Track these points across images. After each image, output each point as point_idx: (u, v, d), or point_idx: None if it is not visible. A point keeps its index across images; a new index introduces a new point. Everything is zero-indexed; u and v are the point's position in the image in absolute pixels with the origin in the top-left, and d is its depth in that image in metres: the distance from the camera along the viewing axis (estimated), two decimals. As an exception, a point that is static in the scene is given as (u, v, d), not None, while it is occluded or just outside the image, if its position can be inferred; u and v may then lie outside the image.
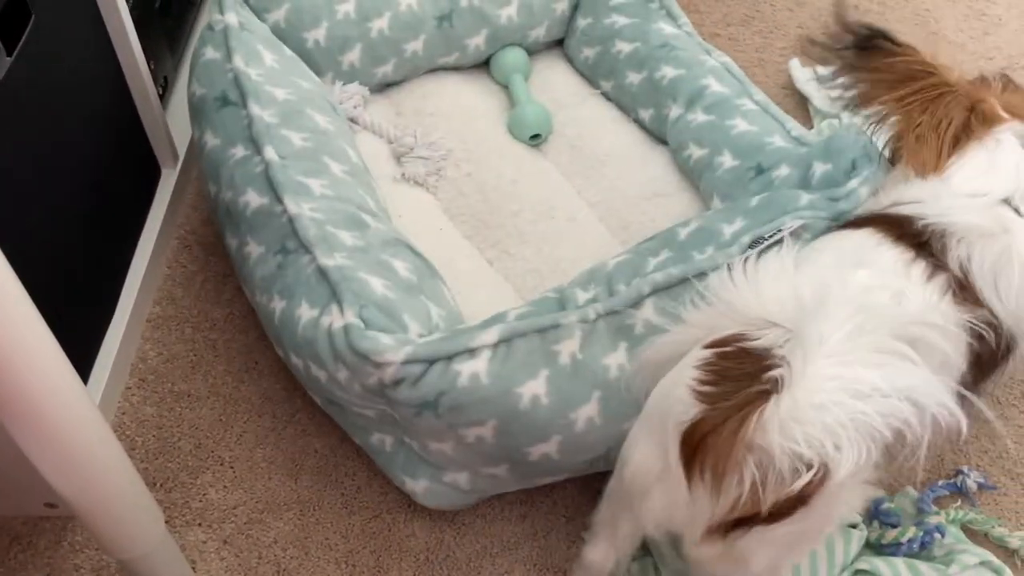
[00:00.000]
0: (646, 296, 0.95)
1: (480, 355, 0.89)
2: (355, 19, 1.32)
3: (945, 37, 1.63)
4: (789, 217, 0.99)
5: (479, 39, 1.41)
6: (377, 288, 0.96)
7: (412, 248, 1.08)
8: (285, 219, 1.02)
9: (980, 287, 0.84)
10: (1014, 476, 1.14)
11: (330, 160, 1.11)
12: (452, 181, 1.32)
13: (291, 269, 0.99)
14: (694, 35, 1.36)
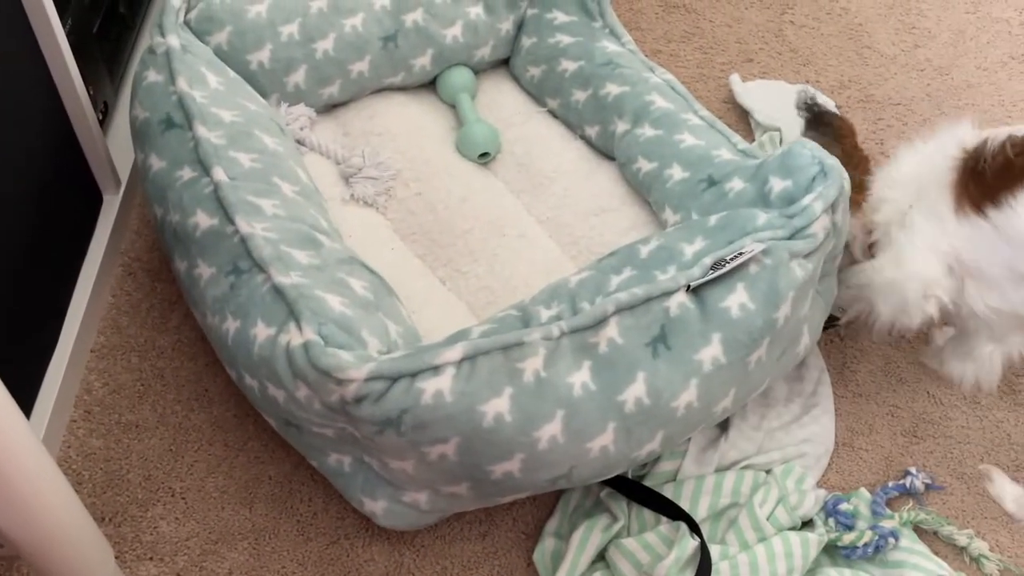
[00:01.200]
0: (610, 315, 0.95)
1: (444, 372, 0.89)
2: (299, 41, 1.32)
3: (878, 51, 1.68)
4: (749, 239, 1.02)
5: (425, 59, 1.41)
6: (335, 305, 0.95)
7: (367, 266, 1.07)
8: (237, 239, 1.01)
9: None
10: (959, 476, 1.18)
11: (280, 181, 1.11)
12: (402, 201, 1.32)
13: (245, 289, 0.98)
14: (637, 53, 1.39)
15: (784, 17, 1.74)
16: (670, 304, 0.97)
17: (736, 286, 0.98)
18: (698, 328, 0.97)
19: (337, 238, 1.12)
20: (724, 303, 0.98)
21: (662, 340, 0.96)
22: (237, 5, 1.29)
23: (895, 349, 1.29)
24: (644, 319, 0.96)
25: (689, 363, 0.96)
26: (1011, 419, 1.23)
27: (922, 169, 1.13)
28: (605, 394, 0.93)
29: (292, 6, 1.32)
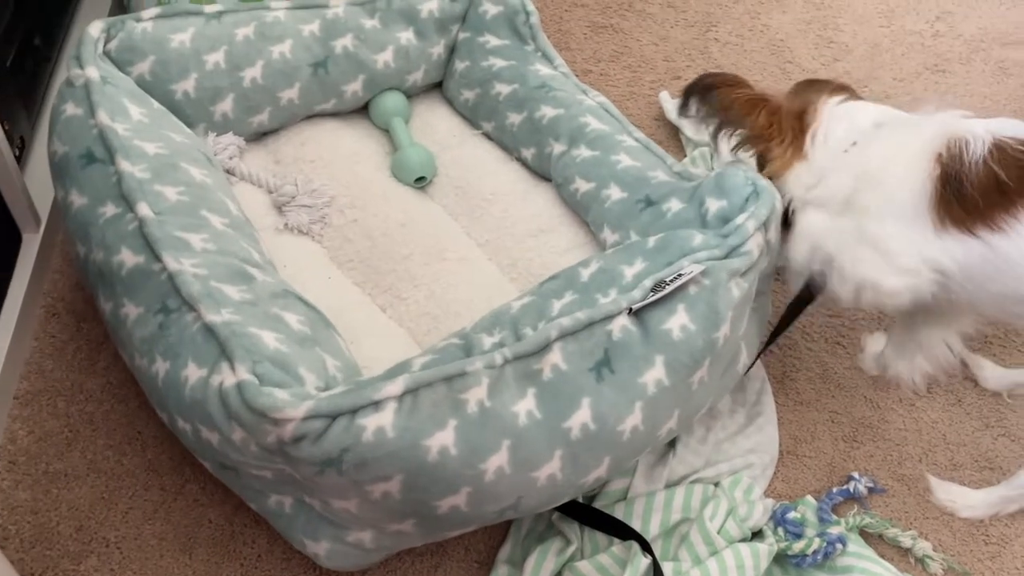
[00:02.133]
0: (553, 341, 0.94)
1: (385, 407, 0.86)
2: (226, 69, 1.28)
3: (799, 65, 1.72)
4: (687, 260, 1.01)
5: (356, 85, 1.38)
6: (269, 342, 0.91)
7: (303, 299, 1.04)
8: (165, 277, 0.96)
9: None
10: (899, 477, 1.19)
11: (209, 213, 1.06)
12: (338, 228, 1.28)
13: (174, 328, 0.94)
14: (570, 76, 1.38)
15: (709, 35, 1.76)
16: (612, 328, 0.96)
17: (677, 308, 0.98)
18: (641, 351, 0.96)
19: (271, 271, 1.08)
20: (665, 325, 0.97)
21: (606, 364, 0.94)
22: (159, 34, 1.25)
23: (832, 356, 1.31)
24: (587, 344, 0.95)
25: (633, 386, 0.95)
26: (945, 419, 1.25)
27: (892, 165, 1.03)
28: (551, 422, 0.91)
29: (217, 34, 1.28)
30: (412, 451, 0.85)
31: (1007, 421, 1.25)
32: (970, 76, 1.72)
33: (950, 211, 0.98)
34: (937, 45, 1.78)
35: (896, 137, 1.04)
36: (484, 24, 1.42)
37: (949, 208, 0.98)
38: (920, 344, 1.17)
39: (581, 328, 0.95)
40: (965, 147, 0.97)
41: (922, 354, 1.17)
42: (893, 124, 1.06)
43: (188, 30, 1.27)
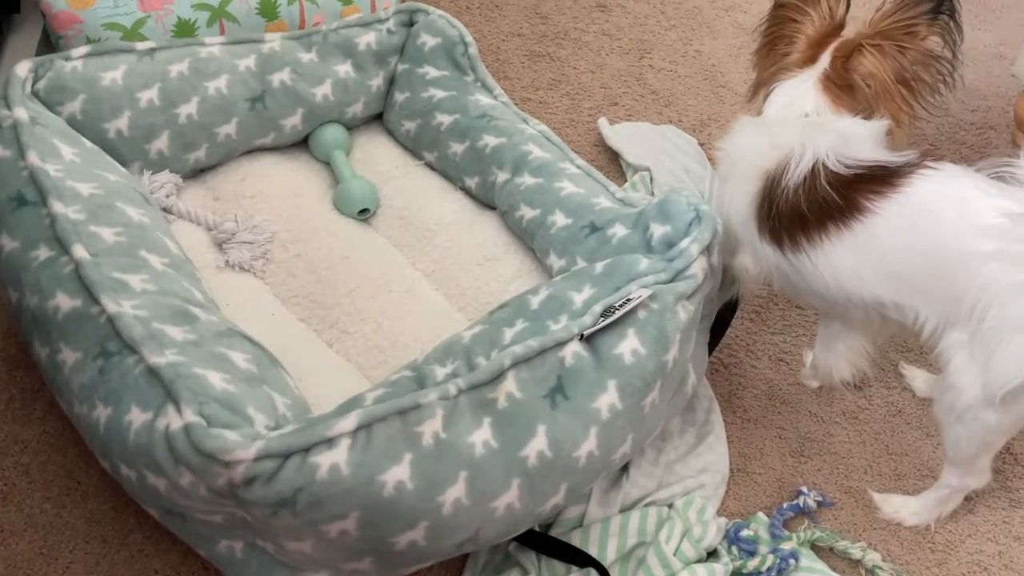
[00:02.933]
0: (507, 369, 0.93)
1: (339, 444, 0.84)
2: (160, 106, 1.26)
3: (732, 89, 1.76)
4: (635, 285, 1.02)
5: (295, 119, 1.37)
6: (216, 382, 0.89)
7: (248, 338, 1.02)
8: (104, 320, 0.94)
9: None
10: (847, 490, 1.22)
11: (148, 254, 1.04)
12: (281, 264, 1.27)
13: (115, 372, 0.91)
14: (510, 105, 1.40)
15: (643, 62, 1.80)
16: (565, 354, 0.96)
17: (627, 332, 0.99)
18: (593, 376, 0.96)
19: (214, 309, 1.06)
20: (617, 350, 0.98)
21: (560, 391, 0.95)
22: (90, 73, 1.23)
23: (776, 373, 1.33)
24: (540, 371, 0.95)
25: (587, 412, 0.95)
26: (887, 430, 1.28)
27: (743, 164, 1.12)
28: (507, 451, 0.91)
29: (150, 71, 1.26)
30: (368, 487, 0.84)
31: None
32: (893, 96, 1.79)
33: (765, 224, 1.08)
34: (861, 67, 1.84)
35: (757, 135, 1.10)
36: (423, 56, 1.43)
37: (764, 222, 1.08)
38: (837, 333, 1.19)
39: (534, 355, 0.95)
40: (787, 170, 1.04)
41: (841, 343, 1.19)
42: (770, 122, 1.11)
43: (120, 68, 1.25)
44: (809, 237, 1.04)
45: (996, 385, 0.96)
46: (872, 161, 1.02)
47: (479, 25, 1.81)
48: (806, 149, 1.04)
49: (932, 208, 0.98)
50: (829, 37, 1.12)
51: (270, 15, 1.46)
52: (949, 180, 0.99)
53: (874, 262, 1.02)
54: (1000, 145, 1.70)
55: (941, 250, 0.97)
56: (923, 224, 0.98)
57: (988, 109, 1.77)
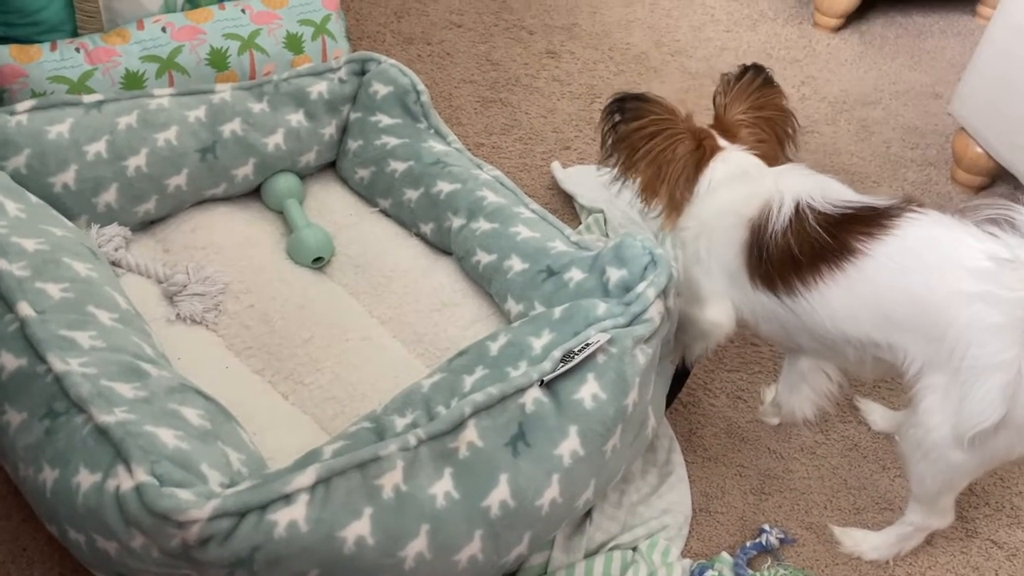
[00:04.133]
0: (468, 417, 0.93)
1: (297, 500, 0.83)
2: (108, 159, 1.24)
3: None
4: (594, 329, 1.03)
5: (247, 168, 1.37)
6: (168, 440, 0.87)
7: (201, 392, 1.00)
8: (50, 379, 0.91)
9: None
10: (807, 526, 1.22)
11: (96, 309, 1.02)
12: (234, 315, 1.25)
13: (62, 433, 0.88)
14: (464, 151, 1.41)
15: (593, 106, 1.83)
16: (525, 400, 0.96)
17: (587, 377, 0.99)
18: (555, 422, 0.96)
19: (165, 364, 1.04)
20: (577, 395, 0.98)
21: (521, 438, 0.94)
22: (35, 127, 1.21)
23: (735, 411, 1.34)
24: (501, 418, 0.95)
25: (550, 459, 0.95)
26: (844, 464, 1.30)
27: (718, 221, 1.14)
28: (469, 501, 0.90)
29: (98, 124, 1.25)
30: (327, 544, 0.82)
31: (901, 462, 1.31)
32: (837, 135, 1.84)
33: (756, 271, 1.09)
34: (805, 108, 1.90)
35: (734, 188, 1.12)
36: (375, 104, 1.43)
37: (755, 268, 1.09)
38: (803, 374, 1.21)
39: (495, 403, 0.94)
40: (771, 216, 1.07)
41: (807, 384, 1.21)
42: (735, 179, 1.13)
43: (66, 121, 1.23)
44: (803, 279, 1.05)
45: (967, 426, 0.97)
46: (859, 202, 1.06)
47: (431, 72, 1.83)
48: (784, 193, 1.07)
49: (921, 250, 1.00)
50: (704, 131, 1.17)
51: (220, 66, 1.46)
52: (937, 224, 1.02)
53: (868, 303, 1.03)
54: (940, 181, 1.76)
55: (928, 292, 0.99)
56: (913, 266, 1.00)
57: (927, 146, 1.83)
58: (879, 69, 2.02)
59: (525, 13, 2.02)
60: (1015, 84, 1.54)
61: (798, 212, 1.05)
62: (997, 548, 1.22)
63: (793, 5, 2.16)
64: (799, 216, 1.05)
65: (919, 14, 2.18)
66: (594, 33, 2.01)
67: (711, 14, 2.11)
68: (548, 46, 1.95)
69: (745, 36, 2.06)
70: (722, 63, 1.98)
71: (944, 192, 1.73)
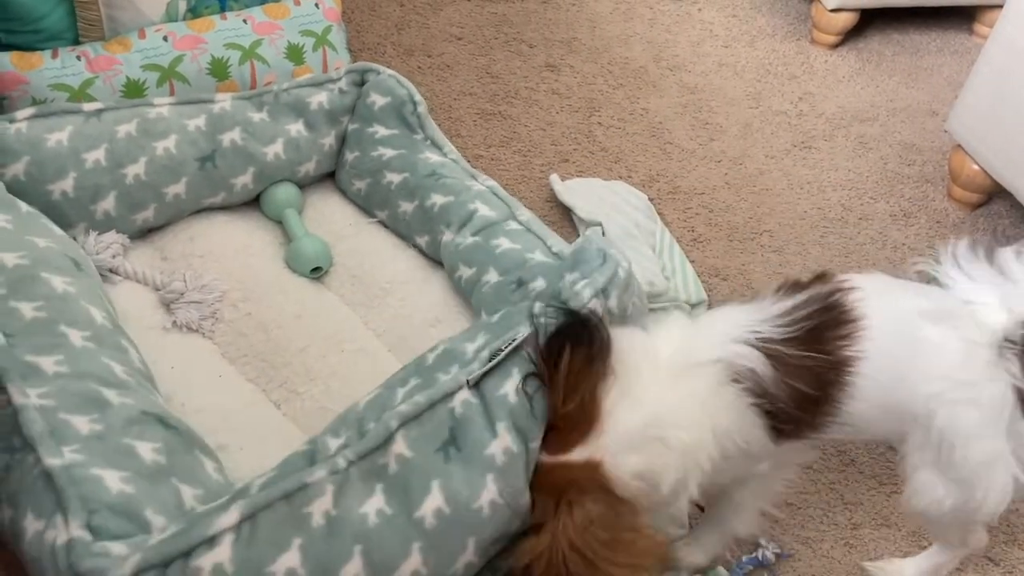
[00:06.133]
0: (396, 430, 0.89)
1: (222, 541, 0.79)
2: (107, 166, 1.22)
3: (678, 145, 1.78)
4: (524, 327, 0.98)
5: (246, 178, 1.35)
6: (113, 484, 0.84)
7: (164, 421, 0.95)
8: (10, 411, 0.88)
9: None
10: (803, 541, 1.20)
11: (68, 328, 0.98)
12: (230, 323, 1.23)
13: (17, 472, 0.85)
14: (460, 162, 1.37)
15: (592, 119, 1.81)
16: (454, 404, 0.92)
17: (512, 371, 0.94)
18: (483, 422, 0.92)
19: (136, 385, 0.99)
20: (502, 390, 0.93)
21: (452, 443, 0.91)
22: (34, 134, 1.19)
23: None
24: (430, 425, 0.91)
25: (482, 460, 0.90)
26: (842, 480, 1.27)
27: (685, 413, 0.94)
28: (402, 515, 0.86)
29: (97, 132, 1.23)
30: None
31: (898, 479, 1.28)
32: (834, 151, 1.82)
33: (775, 430, 0.94)
34: (802, 124, 1.88)
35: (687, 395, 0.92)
36: (372, 115, 1.41)
37: (772, 429, 0.94)
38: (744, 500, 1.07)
39: (422, 411, 0.91)
40: (755, 374, 0.91)
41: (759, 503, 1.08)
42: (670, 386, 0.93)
43: (65, 129, 1.21)
44: (824, 412, 0.94)
45: (991, 512, 0.95)
46: (799, 310, 0.93)
47: (431, 84, 1.82)
48: (736, 350, 0.91)
49: (891, 348, 0.93)
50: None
51: (221, 75, 1.45)
52: (882, 297, 0.95)
53: (882, 402, 0.96)
54: (936, 198, 1.74)
55: (902, 385, 0.94)
56: (888, 367, 0.93)
57: (924, 163, 1.81)
58: (876, 86, 2.00)
59: (525, 27, 2.01)
60: (1011, 102, 1.52)
61: (768, 355, 0.91)
62: (993, 565, 1.20)
63: (791, 22, 2.15)
64: (772, 355, 0.91)
65: (916, 32, 2.17)
66: (593, 47, 1.99)
67: (710, 30, 2.10)
68: (548, 59, 1.94)
69: (743, 52, 2.05)
70: (720, 79, 1.96)
71: (941, 209, 1.72)
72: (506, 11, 2.04)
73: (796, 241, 1.62)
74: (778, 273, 1.55)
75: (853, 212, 1.69)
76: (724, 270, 1.54)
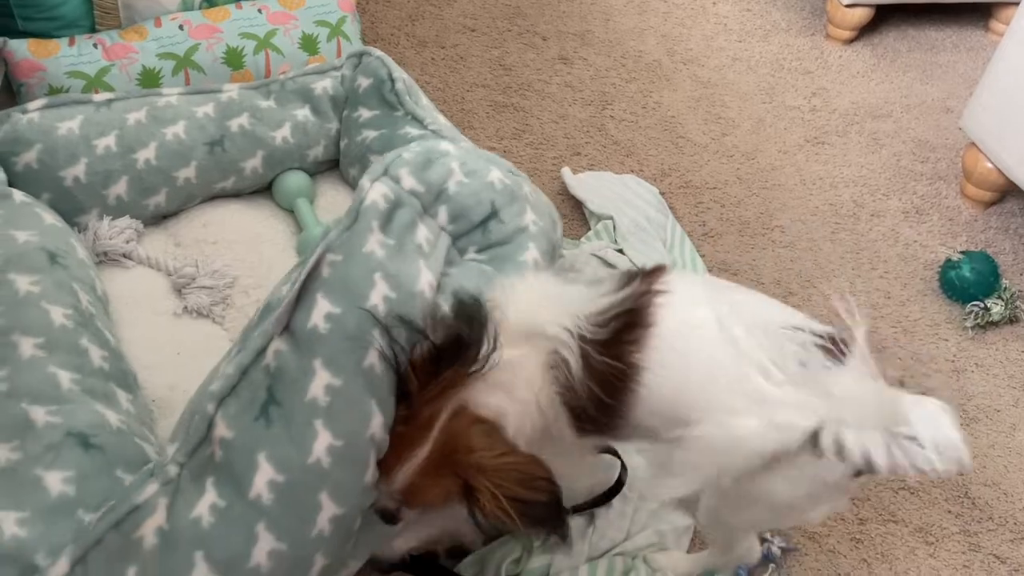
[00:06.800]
0: (214, 414, 0.84)
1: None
2: (117, 152, 1.22)
3: (690, 140, 1.77)
4: (321, 247, 0.89)
5: (255, 161, 1.34)
6: (8, 527, 0.80)
7: (86, 441, 0.90)
8: None
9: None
10: (810, 536, 1.18)
11: (22, 337, 0.95)
12: (241, 309, 1.22)
13: None
14: (441, 131, 1.29)
15: (605, 113, 1.80)
16: (268, 360, 0.85)
17: (315, 299, 0.86)
18: (297, 365, 0.83)
19: (79, 394, 0.94)
20: (310, 323, 0.84)
21: (272, 402, 0.83)
22: (46, 123, 1.19)
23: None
24: (246, 394, 0.84)
25: (303, 408, 0.83)
26: (848, 475, 1.26)
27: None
28: (236, 502, 0.81)
29: (107, 120, 1.23)
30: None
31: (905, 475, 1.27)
32: (847, 147, 1.80)
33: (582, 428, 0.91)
34: (815, 119, 1.86)
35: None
36: (358, 98, 1.37)
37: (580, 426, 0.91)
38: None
39: (236, 382, 0.84)
40: (568, 368, 0.86)
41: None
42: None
43: (76, 118, 1.21)
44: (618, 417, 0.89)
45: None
46: (610, 304, 0.87)
47: (444, 76, 1.81)
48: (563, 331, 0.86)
49: (685, 354, 0.86)
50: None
51: (236, 64, 1.44)
52: (685, 309, 0.88)
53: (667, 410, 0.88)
54: (949, 195, 1.71)
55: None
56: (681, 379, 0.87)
57: (937, 160, 1.79)
58: (891, 82, 1.98)
59: (539, 19, 2.00)
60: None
61: (581, 353, 0.86)
62: (1000, 563, 1.18)
63: (806, 17, 2.13)
64: (584, 357, 0.86)
65: (932, 28, 2.14)
66: (607, 40, 1.98)
67: (724, 24, 2.08)
68: (561, 52, 1.92)
69: (757, 47, 2.03)
70: (733, 73, 1.94)
71: (954, 206, 1.69)
72: (520, 3, 2.02)
73: (807, 237, 1.60)
74: (789, 269, 1.54)
75: (865, 208, 1.67)
76: (734, 264, 1.53)
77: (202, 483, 0.81)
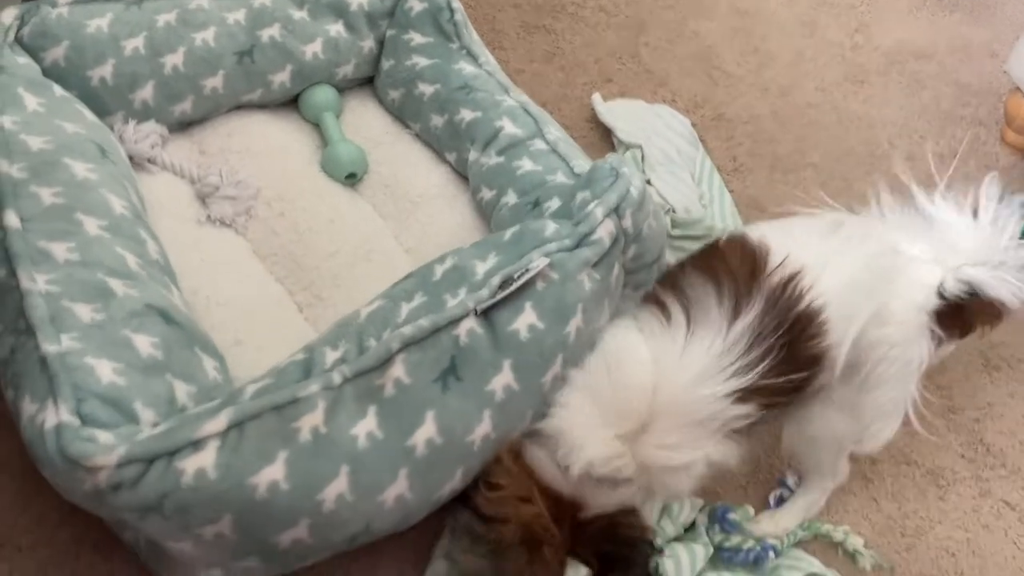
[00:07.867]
0: (396, 353, 0.84)
1: (207, 446, 0.77)
2: (145, 55, 1.18)
3: (725, 71, 1.71)
4: (538, 253, 0.93)
5: (284, 75, 1.30)
6: (105, 374, 0.81)
7: (168, 316, 0.92)
8: (18, 296, 0.86)
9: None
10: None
11: (84, 216, 0.95)
12: (263, 221, 1.21)
13: (21, 354, 0.84)
14: (496, 74, 1.28)
15: (640, 39, 1.74)
16: (459, 332, 0.88)
17: (524, 306, 0.90)
18: (489, 356, 0.88)
19: (147, 278, 0.95)
20: (513, 326, 0.89)
21: (452, 372, 0.87)
22: (75, 19, 1.15)
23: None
24: (432, 352, 0.86)
25: (481, 395, 0.87)
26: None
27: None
28: (393, 441, 0.83)
29: (137, 20, 1.18)
30: (238, 491, 0.77)
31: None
32: (888, 87, 1.74)
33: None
34: (856, 56, 1.79)
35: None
36: (409, 21, 1.32)
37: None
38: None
39: (427, 335, 0.86)
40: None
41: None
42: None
43: (106, 15, 1.16)
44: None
45: (874, 448, 1.06)
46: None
47: (476, -6, 1.75)
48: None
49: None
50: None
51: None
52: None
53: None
54: (988, 141, 1.65)
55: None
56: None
57: (979, 105, 1.72)
58: (937, 23, 1.89)
59: (577, -61, 1.92)
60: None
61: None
62: (1009, 509, 1.17)
63: (854, -51, 2.03)
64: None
65: (984, -33, 2.04)
66: (646, -36, 1.90)
67: (768, -47, 1.99)
68: (598, -26, 1.85)
69: (801, -23, 1.95)
70: (775, 3, 1.86)
71: (992, 153, 1.63)
72: (559, -78, 1.94)
73: (841, 177, 1.55)
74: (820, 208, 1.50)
75: (900, 150, 1.62)
76: (763, 201, 1.49)
77: (364, 407, 0.83)
